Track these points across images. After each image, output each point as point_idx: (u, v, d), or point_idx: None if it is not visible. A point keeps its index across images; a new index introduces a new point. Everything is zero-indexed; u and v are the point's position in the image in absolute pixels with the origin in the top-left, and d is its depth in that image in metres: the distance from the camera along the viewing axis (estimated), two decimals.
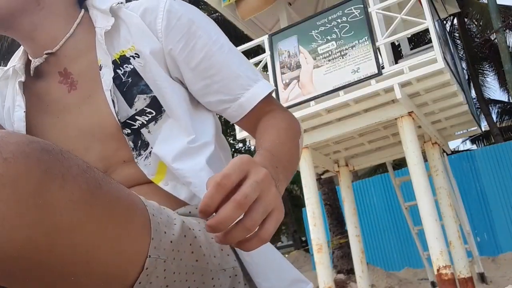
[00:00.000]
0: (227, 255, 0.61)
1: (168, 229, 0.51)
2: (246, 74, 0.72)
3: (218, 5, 5.55)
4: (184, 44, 0.70)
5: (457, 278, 4.17)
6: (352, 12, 4.20)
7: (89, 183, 0.41)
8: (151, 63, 0.69)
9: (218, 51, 0.71)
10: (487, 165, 8.19)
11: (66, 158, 0.41)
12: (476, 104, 12.86)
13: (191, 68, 0.71)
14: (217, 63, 0.70)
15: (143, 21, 0.71)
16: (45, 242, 0.38)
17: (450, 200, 4.65)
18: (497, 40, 7.84)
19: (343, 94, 4.06)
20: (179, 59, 0.70)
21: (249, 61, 0.75)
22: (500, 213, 7.96)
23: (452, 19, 13.87)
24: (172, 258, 0.50)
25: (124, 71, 0.70)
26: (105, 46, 0.70)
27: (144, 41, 0.70)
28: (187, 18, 0.71)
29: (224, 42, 0.73)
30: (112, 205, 0.44)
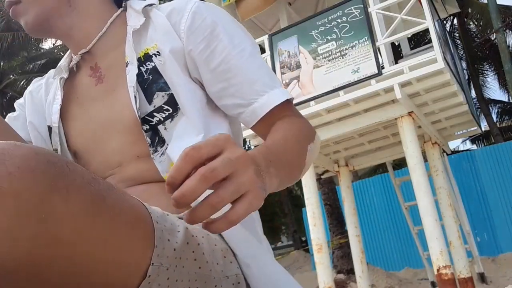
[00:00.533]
0: (230, 263, 0.61)
1: (171, 236, 0.50)
2: (262, 80, 0.71)
3: (218, 5, 5.55)
4: (205, 46, 0.71)
5: (457, 278, 4.17)
6: (352, 12, 4.20)
7: (93, 196, 0.41)
8: (170, 62, 0.71)
9: (237, 55, 0.71)
10: (487, 165, 8.20)
11: (71, 170, 0.40)
12: (476, 104, 12.86)
13: (210, 70, 0.71)
14: (235, 67, 0.71)
15: (168, 21, 0.73)
16: (46, 255, 0.38)
17: (450, 200, 4.65)
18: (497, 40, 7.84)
19: (343, 94, 4.06)
20: (199, 60, 0.71)
21: (270, 68, 0.74)
22: (500, 213, 7.96)
23: (452, 19, 13.87)
24: (174, 266, 0.50)
25: (146, 68, 0.72)
26: (132, 44, 0.73)
27: (166, 40, 0.72)
28: (211, 20, 0.72)
29: (246, 47, 0.72)
30: (116, 217, 0.43)
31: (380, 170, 13.17)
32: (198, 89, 0.73)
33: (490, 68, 14.89)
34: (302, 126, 0.70)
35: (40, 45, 15.91)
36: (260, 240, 0.72)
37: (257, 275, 0.63)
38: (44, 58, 14.97)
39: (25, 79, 13.84)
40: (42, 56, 15.24)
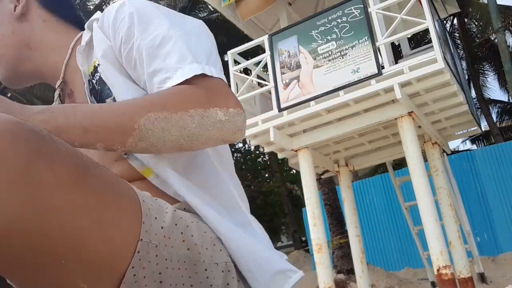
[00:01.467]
0: (219, 250, 0.62)
1: (159, 215, 0.53)
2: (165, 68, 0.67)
3: (218, 5, 5.55)
4: (125, 41, 0.69)
5: (457, 278, 4.17)
6: (352, 12, 4.20)
7: (77, 165, 0.43)
8: (105, 67, 0.71)
9: (147, 46, 0.68)
10: (487, 165, 8.20)
11: (55, 141, 0.43)
12: (476, 104, 12.86)
13: (131, 67, 0.70)
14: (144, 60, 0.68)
15: (100, 27, 0.73)
16: (35, 221, 0.39)
17: (450, 200, 4.65)
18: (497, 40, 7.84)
19: (343, 94, 4.06)
20: (124, 59, 0.70)
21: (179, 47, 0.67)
22: (500, 213, 7.96)
23: (452, 19, 13.87)
24: (164, 245, 0.52)
25: (96, 80, 0.74)
26: (81, 61, 0.75)
27: (99, 46, 0.72)
28: (129, 13, 0.69)
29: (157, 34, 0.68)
30: (102, 188, 0.46)
31: (380, 170, 13.16)
32: (134, 87, 0.71)
33: (490, 68, 14.88)
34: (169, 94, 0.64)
35: None
36: (248, 221, 0.72)
37: (238, 254, 0.64)
38: None
39: None
40: None
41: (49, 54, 0.80)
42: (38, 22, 0.80)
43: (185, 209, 0.67)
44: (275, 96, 4.47)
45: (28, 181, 0.39)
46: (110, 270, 0.47)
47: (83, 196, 0.43)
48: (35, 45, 0.79)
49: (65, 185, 0.41)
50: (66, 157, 0.43)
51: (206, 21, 12.90)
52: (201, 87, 0.64)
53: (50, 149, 0.41)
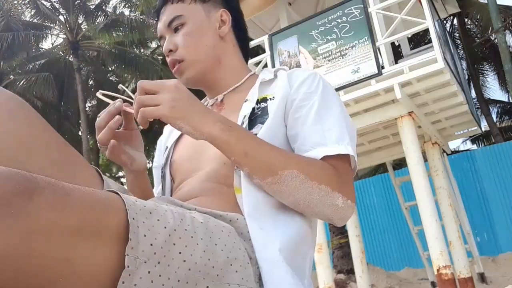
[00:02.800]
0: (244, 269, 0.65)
1: (150, 233, 0.55)
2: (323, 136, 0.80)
3: None
4: (302, 99, 0.83)
5: (457, 278, 4.17)
6: (352, 12, 4.20)
7: (56, 192, 0.48)
8: (276, 103, 0.84)
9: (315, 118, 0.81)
10: (487, 165, 8.19)
11: (34, 177, 0.48)
12: (476, 104, 12.86)
13: (293, 118, 0.83)
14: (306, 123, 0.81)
15: (288, 77, 0.88)
16: (22, 248, 0.44)
17: (450, 200, 4.65)
18: (497, 40, 7.85)
19: (343, 94, 4.06)
20: (293, 107, 0.83)
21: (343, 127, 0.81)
22: (500, 213, 7.96)
23: (452, 19, 13.87)
24: (156, 261, 0.54)
25: (259, 107, 0.86)
26: (257, 90, 0.89)
27: (281, 87, 0.87)
28: (317, 84, 0.85)
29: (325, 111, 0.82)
30: (84, 209, 0.50)
31: (380, 170, 13.16)
32: (282, 130, 0.83)
33: (490, 68, 14.87)
34: (317, 164, 0.75)
35: (39, 45, 15.92)
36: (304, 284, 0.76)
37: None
38: (44, 58, 14.95)
39: (25, 79, 13.82)
40: (42, 56, 15.21)
41: (228, 73, 0.96)
42: (230, 45, 0.97)
43: (231, 221, 0.74)
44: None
45: (11, 213, 0.43)
46: (101, 286, 0.51)
47: (65, 219, 0.47)
48: (224, 62, 0.95)
49: (47, 212, 0.46)
50: (45, 187, 0.47)
51: None
52: (338, 168, 0.76)
53: (29, 184, 0.46)
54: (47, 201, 0.46)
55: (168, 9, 0.95)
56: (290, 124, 0.82)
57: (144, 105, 0.71)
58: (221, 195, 0.81)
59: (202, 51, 0.92)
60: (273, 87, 0.89)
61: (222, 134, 0.72)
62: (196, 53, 0.92)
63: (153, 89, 0.72)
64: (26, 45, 14.36)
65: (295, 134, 0.81)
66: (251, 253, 0.69)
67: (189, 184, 0.87)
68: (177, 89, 0.73)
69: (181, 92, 0.73)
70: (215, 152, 0.80)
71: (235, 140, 0.72)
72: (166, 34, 0.95)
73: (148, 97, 0.71)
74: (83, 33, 14.67)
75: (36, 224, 0.45)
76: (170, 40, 0.93)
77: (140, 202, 0.58)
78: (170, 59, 0.93)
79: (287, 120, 0.83)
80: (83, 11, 15.01)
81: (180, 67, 0.92)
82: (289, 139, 0.83)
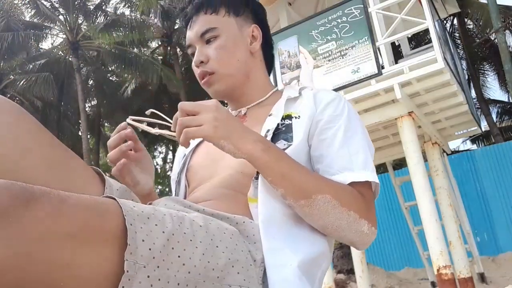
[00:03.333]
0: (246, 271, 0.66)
1: (148, 238, 0.56)
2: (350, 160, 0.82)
3: None
4: (327, 121, 0.85)
5: (457, 278, 4.16)
6: (352, 12, 4.20)
7: (52, 200, 0.49)
8: (301, 121, 0.86)
9: (342, 141, 0.83)
10: (487, 165, 8.19)
11: (30, 186, 0.49)
12: (476, 104, 12.85)
13: (319, 139, 0.84)
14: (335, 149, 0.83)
15: (314, 98, 0.90)
16: (23, 254, 0.45)
17: (450, 200, 4.65)
18: (497, 40, 7.84)
19: (343, 94, 4.06)
20: (317, 128, 0.85)
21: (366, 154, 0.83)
22: (500, 213, 7.96)
23: (452, 19, 13.87)
24: (155, 266, 0.55)
25: (283, 123, 0.88)
26: (284, 106, 0.90)
27: (306, 106, 0.88)
28: (342, 108, 0.87)
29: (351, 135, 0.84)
30: (80, 215, 0.51)
31: (380, 170, 13.16)
32: (305, 151, 0.85)
33: (490, 68, 14.87)
34: (348, 190, 0.77)
35: (39, 45, 15.92)
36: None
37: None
38: (44, 58, 14.95)
39: (25, 79, 13.81)
40: (42, 56, 15.22)
41: (255, 88, 0.98)
42: (258, 60, 0.99)
43: (237, 223, 0.75)
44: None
45: (10, 222, 0.45)
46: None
47: (62, 225, 0.49)
48: (251, 77, 0.97)
49: (44, 220, 0.47)
50: (41, 196, 0.49)
51: None
52: (364, 194, 0.79)
53: (26, 194, 0.47)
54: (43, 208, 0.48)
55: (201, 19, 0.95)
56: (315, 145, 0.84)
57: (187, 126, 0.73)
58: (233, 200, 0.82)
59: (234, 66, 0.94)
60: (298, 105, 0.90)
61: (262, 154, 0.74)
62: (228, 67, 0.93)
63: (194, 110, 0.74)
64: (26, 45, 14.37)
65: (320, 155, 0.83)
66: (255, 256, 0.70)
67: (202, 189, 0.88)
68: (217, 109, 0.74)
69: (222, 112, 0.75)
70: (232, 161, 0.82)
71: (274, 161, 0.74)
72: (196, 44, 0.95)
73: (191, 118, 0.73)
74: (83, 33, 14.67)
75: (35, 231, 0.46)
76: (201, 51, 0.93)
77: (138, 208, 0.59)
78: (200, 71, 0.94)
79: (311, 140, 0.85)
80: (83, 11, 15.01)
81: (210, 79, 0.93)
82: (312, 159, 0.84)
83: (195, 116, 0.73)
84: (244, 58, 0.95)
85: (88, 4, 15.21)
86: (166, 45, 15.83)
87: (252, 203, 0.79)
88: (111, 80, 17.01)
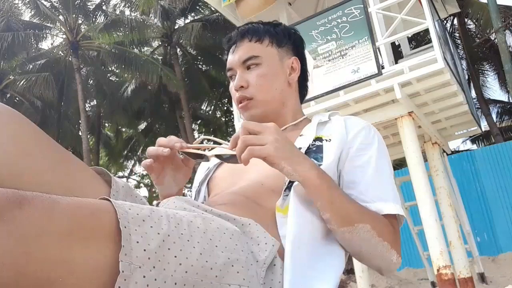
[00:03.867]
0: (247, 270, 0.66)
1: (143, 240, 0.57)
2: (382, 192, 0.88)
3: (218, 5, 5.55)
4: (359, 149, 0.89)
5: (457, 278, 4.16)
6: (352, 12, 4.20)
7: (44, 202, 0.51)
8: (333, 147, 0.89)
9: (374, 169, 0.88)
10: (487, 165, 8.19)
11: (22, 191, 0.51)
12: (476, 104, 12.86)
13: (352, 166, 0.88)
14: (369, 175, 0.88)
15: (345, 124, 0.94)
16: (18, 251, 0.47)
17: (450, 200, 4.65)
18: (497, 40, 7.84)
19: (343, 94, 4.06)
20: (349, 155, 0.89)
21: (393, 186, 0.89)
22: (500, 213, 7.96)
23: (452, 19, 13.87)
24: (151, 266, 0.56)
25: (314, 144, 0.91)
26: (315, 128, 0.94)
27: (337, 132, 0.92)
28: (373, 138, 0.92)
29: (384, 168, 0.90)
30: (74, 215, 0.53)
31: None
32: (332, 174, 0.87)
33: (490, 68, 14.88)
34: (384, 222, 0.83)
35: (39, 45, 15.91)
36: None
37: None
38: (44, 58, 14.95)
39: (24, 79, 13.80)
40: (42, 56, 15.21)
41: (288, 116, 1.03)
42: (293, 90, 1.04)
43: (250, 230, 0.77)
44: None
45: (4, 221, 0.47)
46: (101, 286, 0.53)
47: (56, 225, 0.50)
48: (287, 105, 1.02)
49: (37, 220, 0.49)
50: (34, 198, 0.51)
51: (206, 21, 12.67)
52: (394, 226, 0.87)
53: (19, 197, 0.50)
54: (36, 209, 0.50)
55: (245, 46, 1.00)
56: (347, 170, 0.88)
57: (250, 144, 0.75)
58: (245, 206, 0.84)
59: (272, 94, 0.99)
60: (328, 129, 0.94)
61: (317, 179, 0.78)
62: (266, 95, 0.98)
63: (257, 130, 0.77)
64: (26, 45, 14.36)
65: (353, 181, 0.87)
66: (258, 256, 0.70)
67: (219, 195, 0.92)
68: (277, 131, 0.78)
69: (282, 135, 0.78)
70: (253, 174, 0.89)
71: (326, 187, 0.78)
72: (237, 69, 1.00)
73: (255, 137, 0.76)
74: (83, 33, 14.66)
75: (29, 229, 0.48)
76: (242, 76, 0.99)
77: (134, 210, 0.60)
78: (239, 95, 0.98)
79: (341, 165, 0.89)
80: (83, 11, 15.00)
81: (248, 104, 0.98)
82: (343, 183, 0.88)
83: (258, 135, 0.76)
84: (282, 88, 1.01)
85: (88, 4, 15.21)
86: (166, 45, 15.82)
87: (279, 213, 0.82)
88: (111, 80, 17.00)
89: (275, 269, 0.72)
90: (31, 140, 0.69)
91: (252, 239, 0.74)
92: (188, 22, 15.44)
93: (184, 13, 15.49)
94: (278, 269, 0.72)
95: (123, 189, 0.80)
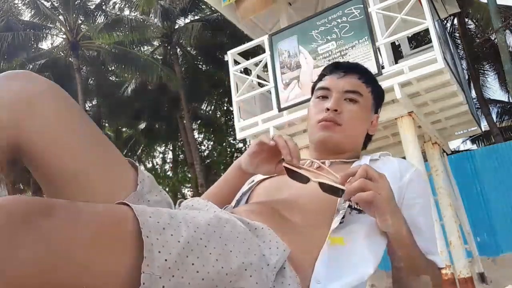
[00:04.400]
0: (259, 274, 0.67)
1: (164, 249, 0.58)
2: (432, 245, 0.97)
3: (218, 5, 5.55)
4: (413, 197, 0.95)
5: (457, 278, 4.16)
6: (352, 12, 4.20)
7: (68, 211, 0.53)
8: None
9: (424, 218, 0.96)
10: (487, 165, 8.18)
11: (50, 200, 0.54)
12: (476, 104, 12.85)
13: (408, 213, 0.92)
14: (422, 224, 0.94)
15: (398, 167, 0.99)
16: (47, 259, 0.48)
17: (450, 200, 4.65)
18: (497, 40, 7.84)
19: None
20: (404, 202, 0.94)
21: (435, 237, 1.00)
22: (500, 213, 7.95)
23: (452, 19, 13.86)
24: (170, 275, 0.56)
25: None
26: (368, 162, 0.99)
27: (392, 173, 0.95)
28: (423, 188, 0.98)
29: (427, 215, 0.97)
30: (97, 225, 0.55)
31: None
32: None
33: (490, 68, 14.86)
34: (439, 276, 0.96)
35: (39, 45, 15.91)
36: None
37: None
38: (44, 58, 14.94)
39: None
40: (42, 56, 15.20)
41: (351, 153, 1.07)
42: (364, 137, 1.12)
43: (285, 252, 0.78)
44: (275, 96, 4.47)
45: (31, 228, 0.48)
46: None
47: (80, 234, 0.52)
48: (355, 150, 1.09)
49: (64, 229, 0.51)
50: (60, 207, 0.53)
51: (206, 21, 12.66)
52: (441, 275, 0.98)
53: (45, 205, 0.51)
54: (61, 217, 0.52)
55: (354, 80, 1.06)
56: (407, 214, 0.91)
57: (367, 188, 0.78)
58: (271, 217, 0.85)
59: (354, 134, 1.06)
60: (378, 166, 0.98)
61: (406, 235, 0.85)
62: (351, 131, 1.04)
63: (375, 177, 0.80)
64: (26, 45, 14.35)
65: (418, 228, 0.93)
66: (269, 260, 0.71)
67: (250, 204, 0.96)
68: (389, 185, 0.82)
69: (391, 190, 0.82)
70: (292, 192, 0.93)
71: (410, 243, 0.86)
72: (335, 93, 1.04)
73: (373, 184, 0.79)
74: (83, 33, 14.66)
75: (54, 238, 0.50)
76: (340, 102, 1.03)
77: (154, 217, 0.61)
78: (330, 116, 1.02)
79: None
80: (83, 11, 15.00)
81: (334, 126, 1.02)
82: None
83: (375, 183, 0.79)
84: (362, 133, 1.10)
85: (88, 4, 15.20)
86: (166, 45, 15.82)
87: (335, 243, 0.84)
88: (111, 80, 17.00)
89: (285, 273, 0.73)
90: (76, 118, 0.76)
91: (265, 243, 0.74)
92: (188, 22, 15.45)
93: (184, 13, 15.50)
94: (287, 272, 0.73)
95: (148, 179, 0.83)
